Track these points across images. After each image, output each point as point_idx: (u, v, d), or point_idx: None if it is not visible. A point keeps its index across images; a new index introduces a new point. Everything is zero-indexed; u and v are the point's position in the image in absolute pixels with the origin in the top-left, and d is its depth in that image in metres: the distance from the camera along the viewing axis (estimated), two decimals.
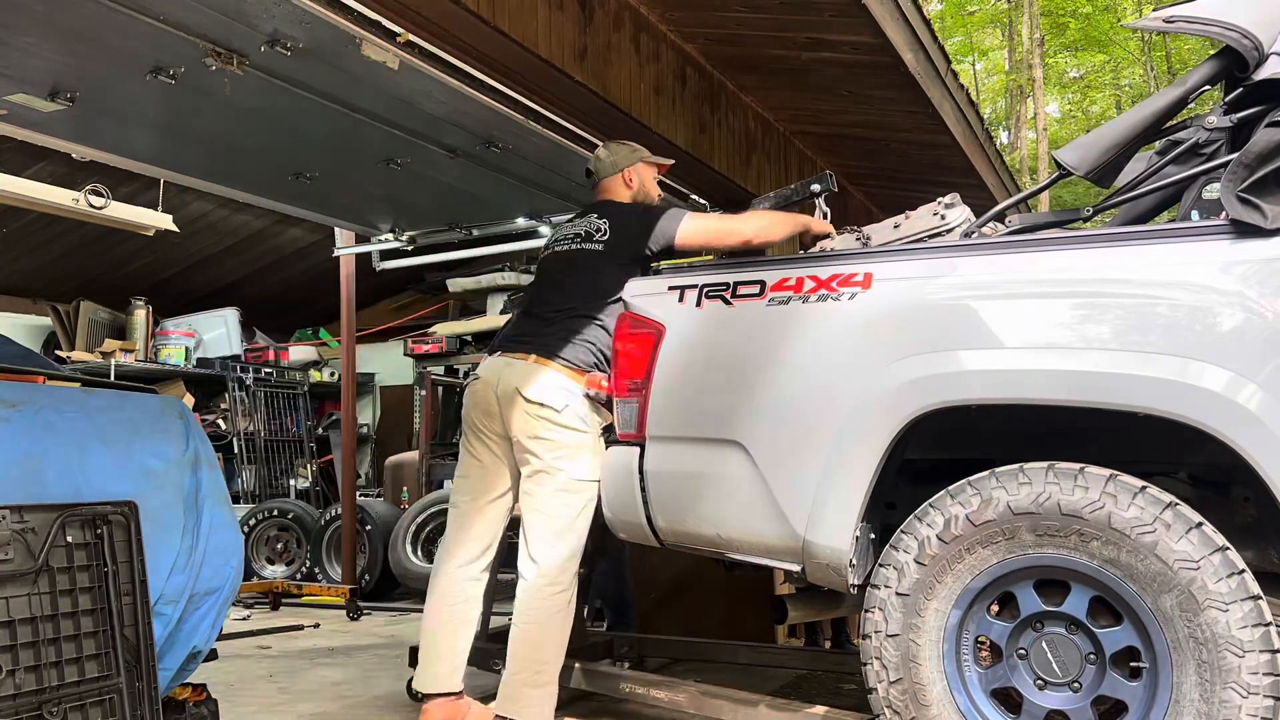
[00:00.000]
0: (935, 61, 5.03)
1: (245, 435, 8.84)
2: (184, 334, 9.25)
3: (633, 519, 3.25)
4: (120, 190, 6.70)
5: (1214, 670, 2.30)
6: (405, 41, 3.38)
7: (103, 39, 3.43)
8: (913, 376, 2.71)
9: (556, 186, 5.34)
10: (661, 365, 3.17)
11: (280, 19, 3.31)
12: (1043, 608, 2.55)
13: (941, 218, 3.12)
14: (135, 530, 2.46)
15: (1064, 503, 2.47)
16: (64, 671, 2.26)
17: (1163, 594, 2.36)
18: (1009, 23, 24.36)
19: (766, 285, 3.04)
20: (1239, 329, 2.42)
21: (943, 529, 2.60)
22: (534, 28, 3.81)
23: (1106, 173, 2.90)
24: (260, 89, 3.84)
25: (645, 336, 3.22)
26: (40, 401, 2.55)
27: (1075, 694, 2.51)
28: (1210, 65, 2.83)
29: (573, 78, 4.06)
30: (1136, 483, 2.46)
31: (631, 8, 4.56)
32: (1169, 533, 2.37)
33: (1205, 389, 2.39)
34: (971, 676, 2.62)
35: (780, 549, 2.94)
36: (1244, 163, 2.49)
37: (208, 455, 2.92)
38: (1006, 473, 2.57)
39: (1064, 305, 2.62)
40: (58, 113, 4.05)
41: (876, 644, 2.67)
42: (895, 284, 2.85)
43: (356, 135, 4.47)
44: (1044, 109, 21.34)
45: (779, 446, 2.94)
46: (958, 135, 5.92)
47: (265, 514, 7.84)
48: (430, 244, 6.44)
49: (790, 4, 4.34)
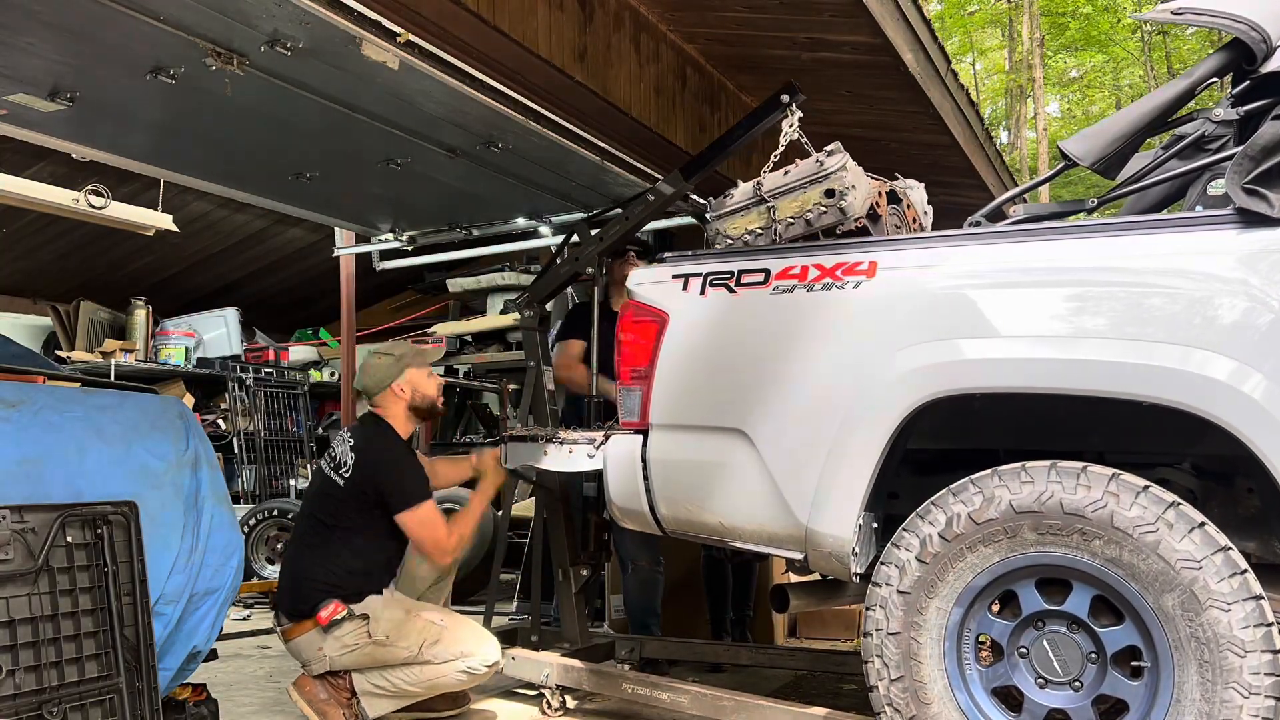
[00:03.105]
0: (935, 61, 5.03)
1: (245, 435, 8.83)
2: (184, 334, 9.24)
3: (636, 507, 3.25)
4: (120, 190, 6.70)
5: (1216, 670, 2.30)
6: (405, 41, 3.37)
7: (103, 39, 3.43)
8: (917, 365, 2.71)
9: (556, 186, 5.34)
10: (665, 353, 3.18)
11: (280, 19, 3.30)
12: (1044, 606, 2.55)
13: (820, 163, 3.25)
14: (135, 530, 2.46)
15: (1066, 501, 2.47)
16: (64, 671, 2.27)
17: (1165, 593, 2.36)
18: (1009, 23, 24.36)
19: (771, 273, 3.04)
20: (1244, 318, 2.41)
21: (945, 527, 2.60)
22: (534, 28, 3.81)
23: (1112, 164, 2.90)
24: (260, 89, 3.83)
25: (648, 325, 3.22)
26: (40, 401, 2.55)
27: (1076, 693, 2.51)
28: (1218, 58, 2.82)
29: (573, 78, 4.06)
30: (1139, 482, 2.45)
31: (631, 8, 4.56)
32: (1171, 532, 2.37)
33: (1209, 378, 2.38)
34: (972, 675, 2.63)
35: (783, 537, 2.94)
36: (1250, 154, 2.48)
37: (208, 455, 2.92)
38: (1009, 471, 2.57)
39: (1068, 294, 2.62)
40: (58, 113, 4.04)
41: (877, 641, 2.67)
42: (900, 272, 2.85)
43: (356, 135, 4.46)
44: (1044, 109, 21.34)
45: (782, 435, 2.94)
46: (958, 135, 5.92)
47: (265, 514, 7.83)
48: (430, 244, 6.44)
49: (790, 4, 4.34)
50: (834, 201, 3.21)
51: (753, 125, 3.81)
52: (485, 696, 4.16)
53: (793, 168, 3.35)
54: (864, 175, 3.32)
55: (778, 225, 3.31)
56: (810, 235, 3.26)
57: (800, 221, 3.28)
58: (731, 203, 3.47)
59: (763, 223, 3.35)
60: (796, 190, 3.31)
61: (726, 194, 3.52)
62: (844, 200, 3.20)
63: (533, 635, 4.18)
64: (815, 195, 3.26)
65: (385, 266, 7.13)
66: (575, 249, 4.21)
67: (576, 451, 3.56)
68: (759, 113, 3.79)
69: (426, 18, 3.36)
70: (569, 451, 3.60)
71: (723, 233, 3.46)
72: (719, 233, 3.47)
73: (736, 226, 3.43)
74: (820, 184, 3.24)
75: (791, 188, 3.32)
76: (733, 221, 3.44)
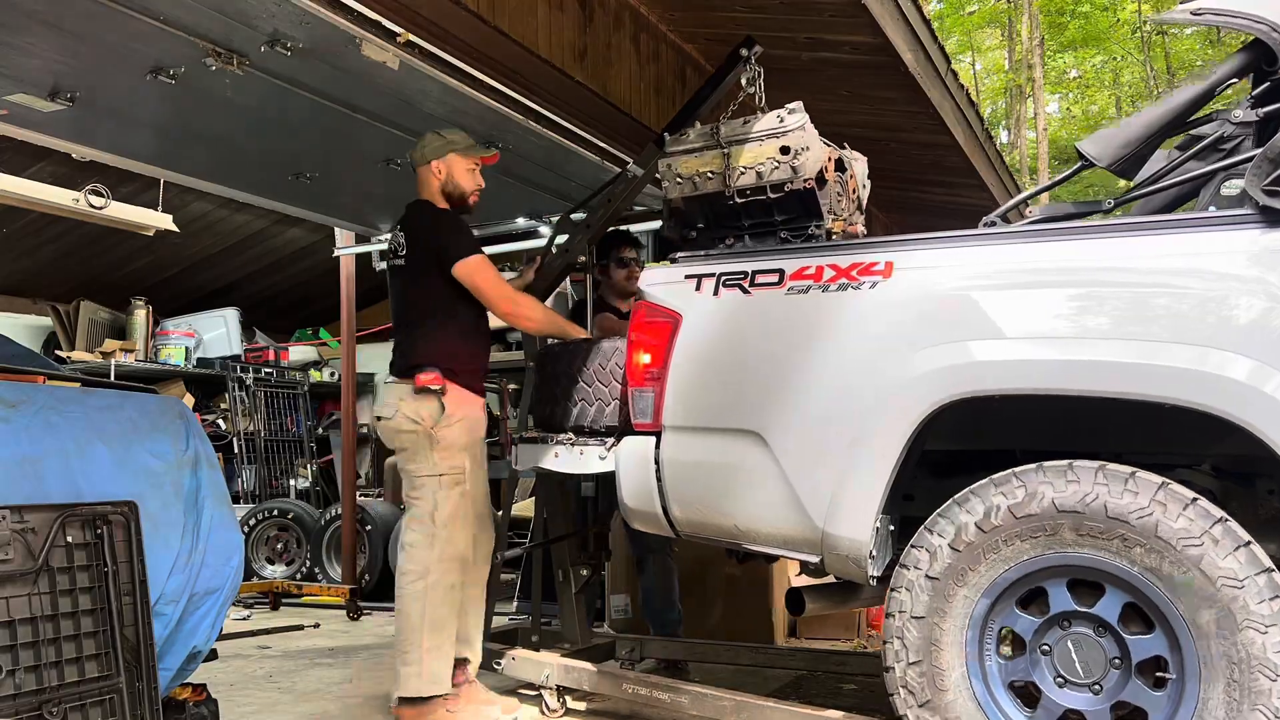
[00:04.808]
0: (935, 61, 5.03)
1: (245, 435, 8.82)
2: (184, 334, 9.24)
3: (649, 509, 3.23)
4: (120, 190, 6.70)
5: (1244, 691, 2.27)
6: (405, 41, 3.37)
7: (103, 39, 3.43)
8: (934, 367, 2.69)
9: (556, 186, 5.34)
10: (678, 354, 3.16)
11: (280, 19, 3.30)
12: (1073, 607, 2.52)
13: (781, 120, 3.30)
14: (135, 530, 2.45)
15: (1111, 505, 2.43)
16: (64, 671, 2.26)
17: (1202, 608, 2.32)
18: (1008, 22, 24.36)
19: (785, 274, 3.02)
20: (1263, 318, 2.38)
21: (982, 517, 2.57)
22: (534, 28, 3.82)
23: (1129, 165, 2.89)
24: (260, 89, 3.84)
25: (661, 325, 3.20)
26: (40, 401, 2.55)
27: (1095, 696, 2.49)
28: (1238, 59, 2.79)
29: (573, 78, 4.06)
30: (1188, 494, 2.41)
31: (631, 8, 4.56)
32: (1216, 548, 2.33)
33: (1229, 378, 2.36)
34: (992, 667, 2.61)
35: (799, 540, 2.92)
36: (1270, 156, 2.46)
37: (208, 455, 2.92)
38: (1054, 468, 2.53)
39: (1086, 294, 2.59)
40: (58, 113, 4.05)
41: (899, 624, 2.65)
42: (917, 273, 2.83)
43: (356, 135, 4.47)
44: (1044, 109, 21.34)
45: (798, 437, 2.92)
46: (958, 135, 5.92)
47: (265, 514, 7.83)
48: None
49: (790, 4, 4.34)
50: (788, 159, 3.25)
51: (718, 83, 3.88)
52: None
53: (754, 118, 3.39)
54: (819, 139, 3.36)
55: (730, 173, 3.33)
56: (759, 189, 3.29)
57: (752, 172, 3.30)
58: (687, 142, 3.48)
59: (715, 167, 3.37)
60: (754, 141, 3.33)
61: (683, 132, 3.54)
62: (797, 159, 3.23)
63: (533, 635, 4.18)
64: (771, 149, 3.29)
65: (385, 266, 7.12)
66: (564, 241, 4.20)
67: (588, 453, 3.56)
68: (722, 70, 3.86)
69: (426, 18, 3.37)
70: (580, 453, 3.60)
71: (674, 169, 3.47)
72: (670, 168, 3.48)
73: (688, 165, 3.44)
74: (778, 139, 3.28)
75: (749, 138, 3.35)
76: (685, 160, 3.45)
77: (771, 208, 3.34)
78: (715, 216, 3.46)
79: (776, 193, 3.27)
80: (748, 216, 3.39)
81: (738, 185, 3.32)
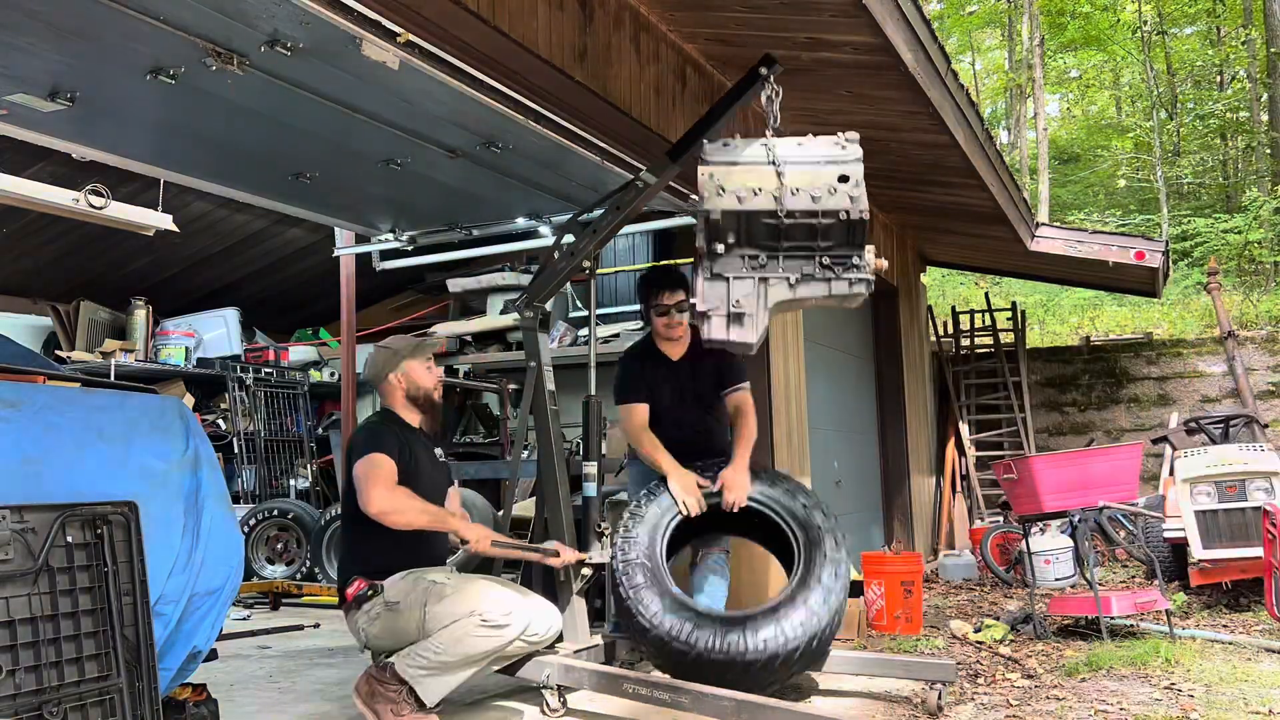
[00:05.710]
0: (935, 62, 5.03)
1: (245, 435, 8.83)
2: (184, 334, 9.24)
3: None
4: (120, 190, 6.69)
5: None
6: (405, 41, 3.37)
7: (103, 39, 3.43)
8: None
9: (556, 186, 5.34)
10: None
11: (280, 19, 3.30)
12: None
13: (843, 147, 3.33)
14: (135, 530, 2.45)
15: None
16: (64, 671, 2.26)
17: None
18: (1008, 22, 24.36)
19: None
20: None
21: None
22: (534, 28, 3.81)
23: None
24: (260, 89, 3.83)
25: None
26: (40, 401, 2.55)
27: None
28: None
29: (573, 78, 4.06)
30: None
31: (631, 8, 4.56)
32: None
33: None
34: None
35: None
36: None
37: (208, 455, 2.92)
38: None
39: None
40: (58, 113, 4.05)
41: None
42: None
43: (356, 135, 4.46)
44: (1044, 109, 21.34)
45: None
46: (958, 135, 5.91)
47: (265, 514, 7.83)
48: (430, 244, 6.44)
49: (790, 4, 4.34)
50: (846, 187, 3.24)
51: (734, 100, 3.84)
52: (487, 697, 4.16)
53: (807, 140, 3.38)
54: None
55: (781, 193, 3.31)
56: (810, 213, 3.27)
57: (805, 195, 3.28)
58: (735, 154, 3.44)
59: (767, 185, 3.34)
60: (810, 165, 3.33)
61: (724, 141, 3.50)
62: (856, 189, 3.22)
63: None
64: (829, 176, 3.29)
65: (385, 266, 7.13)
66: (570, 245, 4.19)
67: None
68: (740, 87, 3.82)
69: (427, 18, 3.36)
70: None
71: (716, 179, 3.40)
72: (712, 178, 3.41)
73: (735, 178, 3.39)
74: (837, 166, 3.29)
75: (805, 161, 3.34)
76: (731, 172, 3.40)
77: (816, 233, 3.32)
78: (750, 234, 3.41)
79: (828, 219, 3.26)
80: (788, 239, 3.36)
81: (789, 207, 3.29)
